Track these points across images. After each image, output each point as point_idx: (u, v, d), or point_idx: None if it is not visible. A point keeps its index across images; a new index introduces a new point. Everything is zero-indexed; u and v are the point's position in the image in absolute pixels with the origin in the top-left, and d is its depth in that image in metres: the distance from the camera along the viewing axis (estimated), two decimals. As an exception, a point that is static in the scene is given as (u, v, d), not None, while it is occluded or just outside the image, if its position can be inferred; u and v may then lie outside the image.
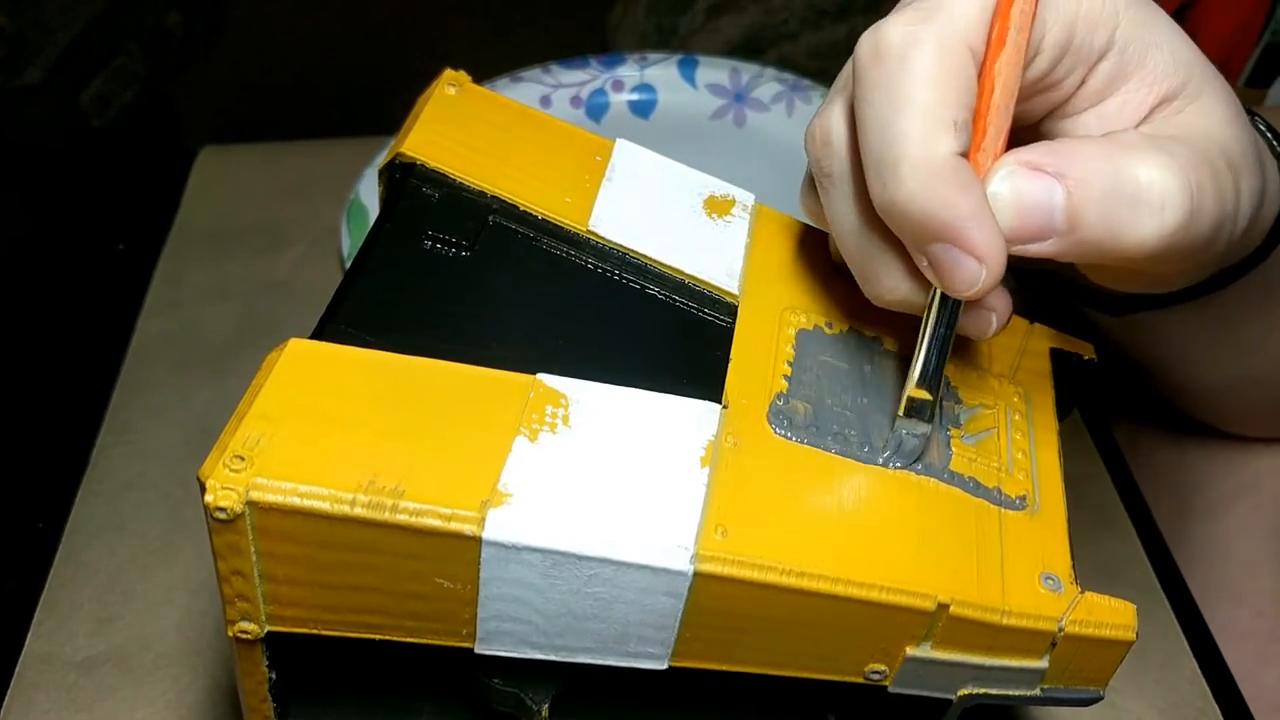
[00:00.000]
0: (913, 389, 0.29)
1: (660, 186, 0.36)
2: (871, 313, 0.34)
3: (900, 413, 0.30)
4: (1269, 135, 0.35)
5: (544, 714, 0.30)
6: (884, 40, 0.27)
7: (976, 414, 0.33)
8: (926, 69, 0.27)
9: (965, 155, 0.27)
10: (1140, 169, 0.27)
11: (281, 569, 0.26)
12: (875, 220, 0.28)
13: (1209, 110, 0.30)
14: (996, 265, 0.27)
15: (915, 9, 0.27)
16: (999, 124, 0.27)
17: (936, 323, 0.29)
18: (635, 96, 0.63)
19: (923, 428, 0.30)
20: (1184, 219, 0.27)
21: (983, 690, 0.29)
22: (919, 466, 0.30)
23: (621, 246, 0.33)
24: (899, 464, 0.30)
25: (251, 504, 0.25)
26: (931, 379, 0.29)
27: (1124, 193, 0.27)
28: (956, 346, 0.34)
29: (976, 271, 0.27)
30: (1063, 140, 0.29)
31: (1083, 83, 0.30)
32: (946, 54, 0.27)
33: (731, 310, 0.33)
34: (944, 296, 0.28)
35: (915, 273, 0.29)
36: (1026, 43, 0.28)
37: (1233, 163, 0.29)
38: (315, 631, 0.27)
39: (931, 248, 0.27)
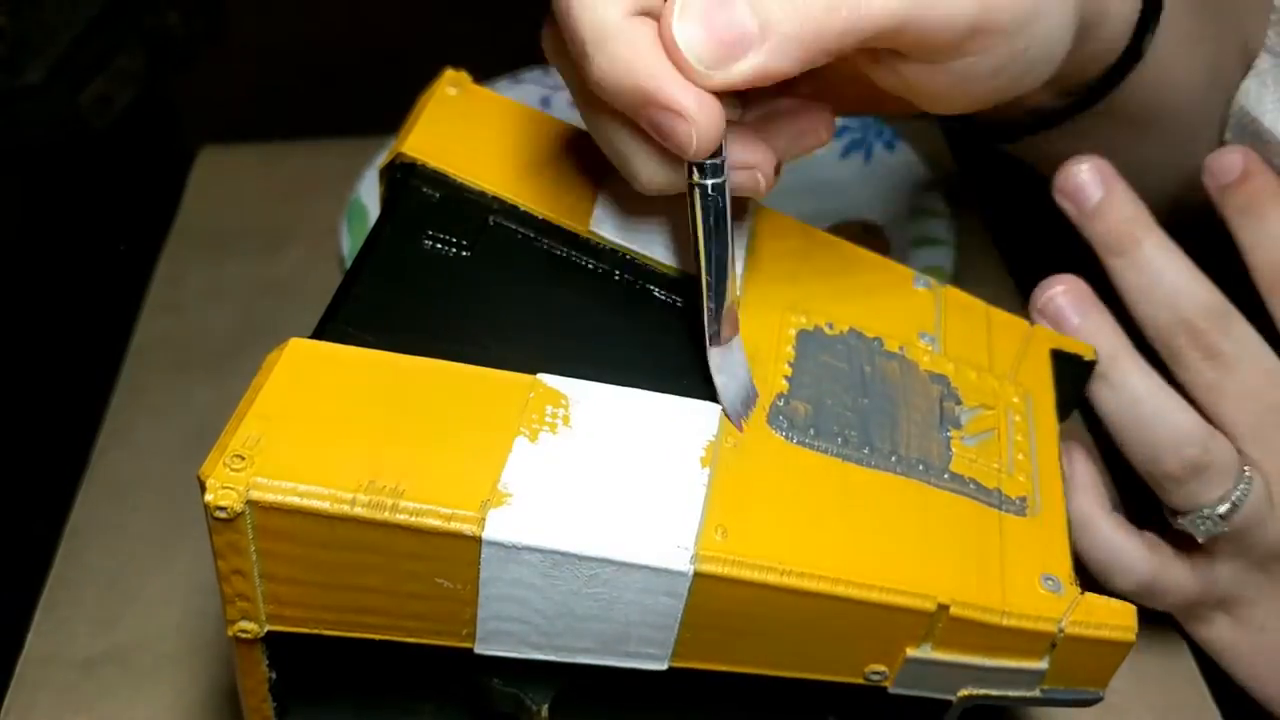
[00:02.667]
0: (710, 309, 0.29)
1: (660, 187, 0.36)
2: (872, 313, 0.34)
3: (709, 344, 0.30)
4: None
5: (544, 714, 0.30)
6: None
7: (977, 415, 0.33)
8: None
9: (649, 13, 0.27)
10: None
11: (281, 568, 0.26)
12: (605, 107, 0.28)
13: None
14: (704, 119, 0.26)
15: None
16: None
17: (704, 214, 0.29)
18: (635, 97, 0.63)
19: (738, 354, 0.30)
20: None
21: (982, 691, 0.29)
22: (920, 468, 0.30)
23: (622, 246, 0.33)
24: (737, 411, 0.30)
25: (251, 503, 0.25)
26: (718, 289, 0.29)
27: None
28: (961, 349, 0.34)
29: (688, 131, 0.26)
30: None
31: None
32: None
33: (732, 311, 0.33)
34: (698, 182, 0.28)
35: (663, 154, 0.28)
36: None
37: None
38: (315, 631, 0.27)
39: (645, 116, 0.27)
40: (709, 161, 0.28)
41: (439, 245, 0.32)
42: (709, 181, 0.28)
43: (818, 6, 0.26)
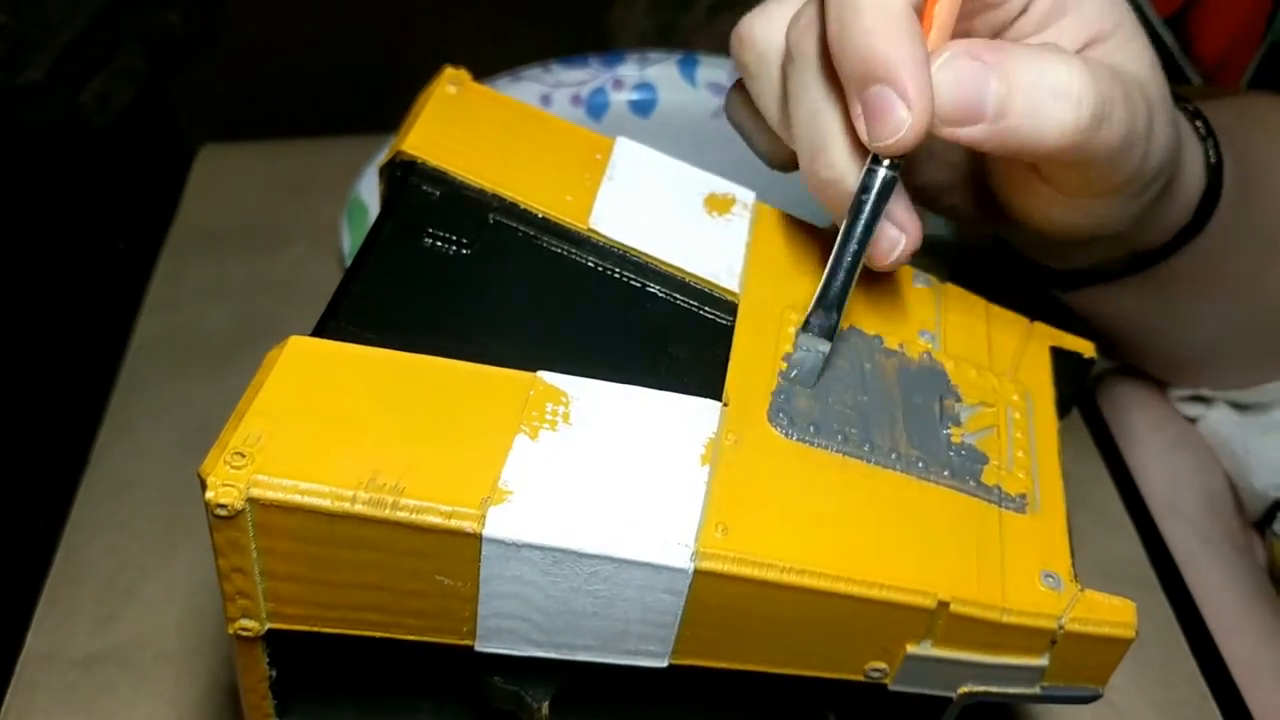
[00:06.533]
0: (815, 303, 0.31)
1: (661, 184, 0.36)
2: (872, 312, 0.34)
3: (801, 327, 0.31)
4: (1195, 118, 0.39)
5: (544, 712, 0.30)
6: None
7: (977, 412, 0.33)
8: None
9: (917, 9, 0.30)
10: (1062, 68, 0.30)
11: (282, 566, 0.26)
12: (832, 92, 0.31)
13: (1133, 54, 0.33)
14: (922, 117, 0.29)
15: None
16: (945, 19, 0.30)
17: (849, 230, 0.30)
18: (636, 95, 0.63)
19: (823, 345, 0.31)
20: (1095, 114, 0.30)
21: (982, 688, 0.29)
22: (919, 465, 0.30)
23: (622, 244, 0.33)
24: (796, 379, 0.31)
25: (252, 501, 0.25)
26: (838, 295, 0.31)
27: (1046, 84, 0.29)
28: (960, 347, 0.34)
29: (904, 118, 0.29)
30: (1000, 41, 0.31)
31: (1024, 11, 0.33)
32: None
33: (732, 308, 0.33)
34: (862, 201, 0.30)
35: (855, 149, 0.31)
36: None
37: (1148, 97, 0.32)
38: (316, 629, 0.28)
39: (869, 90, 0.29)
40: (890, 161, 0.30)
41: (439, 243, 0.32)
42: (881, 174, 0.30)
43: (1054, 120, 0.29)
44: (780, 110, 0.33)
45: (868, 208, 0.30)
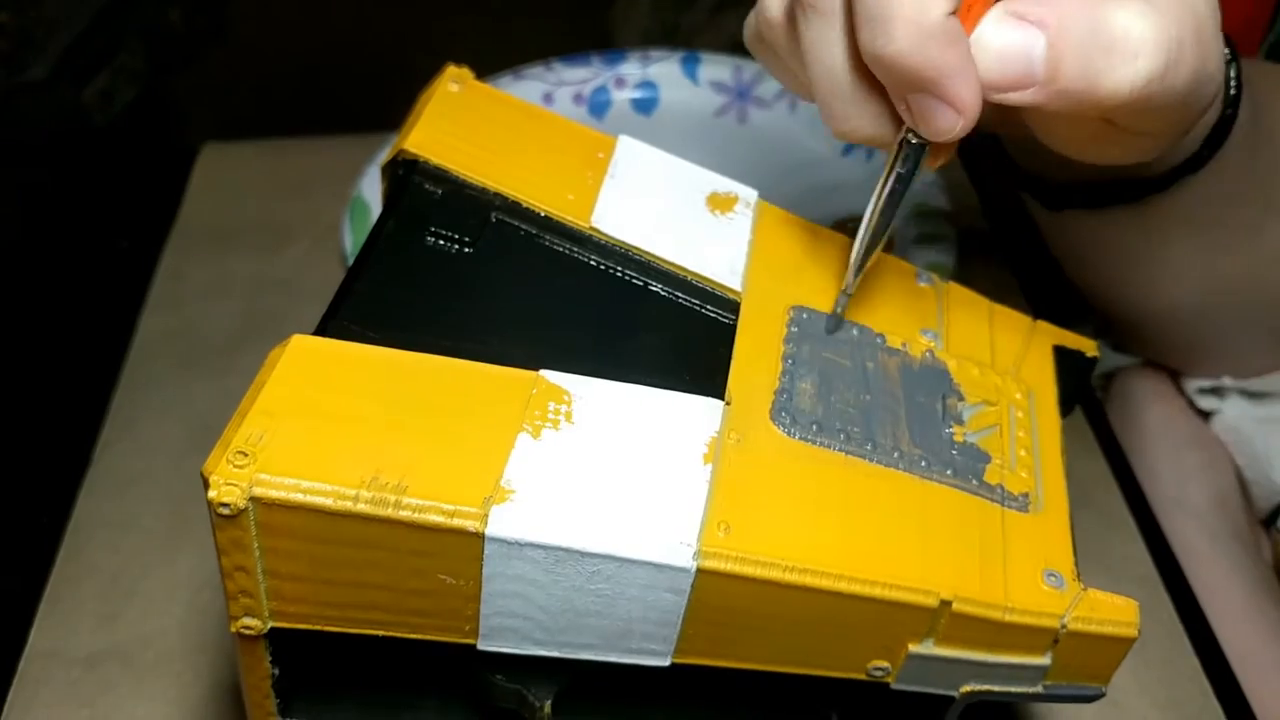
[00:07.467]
0: (862, 250, 0.32)
1: (663, 183, 0.36)
2: (875, 311, 0.34)
3: (850, 283, 0.32)
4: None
5: (546, 711, 0.30)
6: None
7: (979, 411, 0.33)
8: None
9: (955, 11, 0.27)
10: (1118, 15, 0.27)
11: (285, 565, 0.26)
12: (860, 63, 0.29)
13: None
14: (972, 116, 0.28)
15: None
16: None
17: (898, 173, 0.30)
18: (638, 94, 0.63)
19: (843, 300, 0.33)
20: (1158, 69, 0.27)
21: (985, 687, 0.29)
22: (922, 464, 0.30)
23: (624, 243, 0.33)
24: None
25: (255, 500, 0.25)
26: (872, 241, 0.32)
27: (1100, 40, 0.27)
28: (963, 345, 0.34)
29: (954, 120, 0.28)
30: None
31: None
32: None
33: (734, 307, 0.33)
34: (911, 140, 0.29)
35: (889, 116, 0.30)
36: None
37: (1217, 19, 0.29)
38: (318, 627, 0.28)
39: (913, 96, 0.28)
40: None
41: (441, 242, 0.32)
42: (917, 141, 0.29)
43: (1110, 79, 0.27)
44: (790, 48, 0.31)
45: (906, 174, 0.30)
